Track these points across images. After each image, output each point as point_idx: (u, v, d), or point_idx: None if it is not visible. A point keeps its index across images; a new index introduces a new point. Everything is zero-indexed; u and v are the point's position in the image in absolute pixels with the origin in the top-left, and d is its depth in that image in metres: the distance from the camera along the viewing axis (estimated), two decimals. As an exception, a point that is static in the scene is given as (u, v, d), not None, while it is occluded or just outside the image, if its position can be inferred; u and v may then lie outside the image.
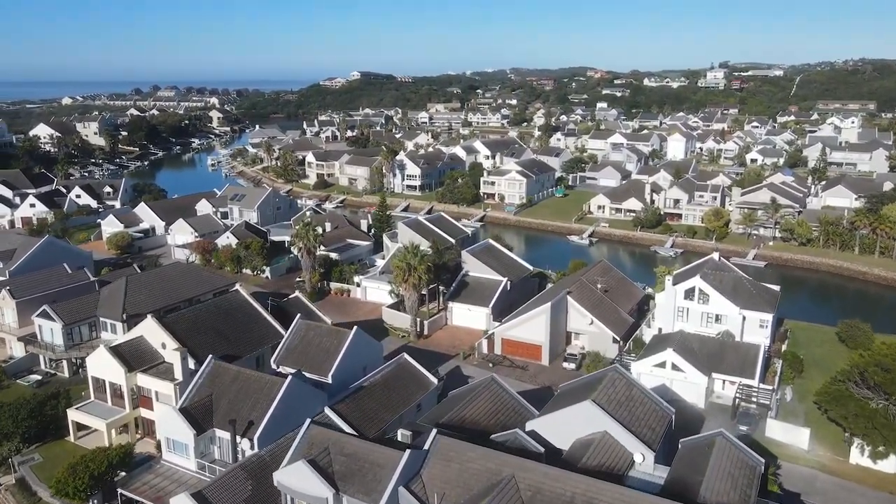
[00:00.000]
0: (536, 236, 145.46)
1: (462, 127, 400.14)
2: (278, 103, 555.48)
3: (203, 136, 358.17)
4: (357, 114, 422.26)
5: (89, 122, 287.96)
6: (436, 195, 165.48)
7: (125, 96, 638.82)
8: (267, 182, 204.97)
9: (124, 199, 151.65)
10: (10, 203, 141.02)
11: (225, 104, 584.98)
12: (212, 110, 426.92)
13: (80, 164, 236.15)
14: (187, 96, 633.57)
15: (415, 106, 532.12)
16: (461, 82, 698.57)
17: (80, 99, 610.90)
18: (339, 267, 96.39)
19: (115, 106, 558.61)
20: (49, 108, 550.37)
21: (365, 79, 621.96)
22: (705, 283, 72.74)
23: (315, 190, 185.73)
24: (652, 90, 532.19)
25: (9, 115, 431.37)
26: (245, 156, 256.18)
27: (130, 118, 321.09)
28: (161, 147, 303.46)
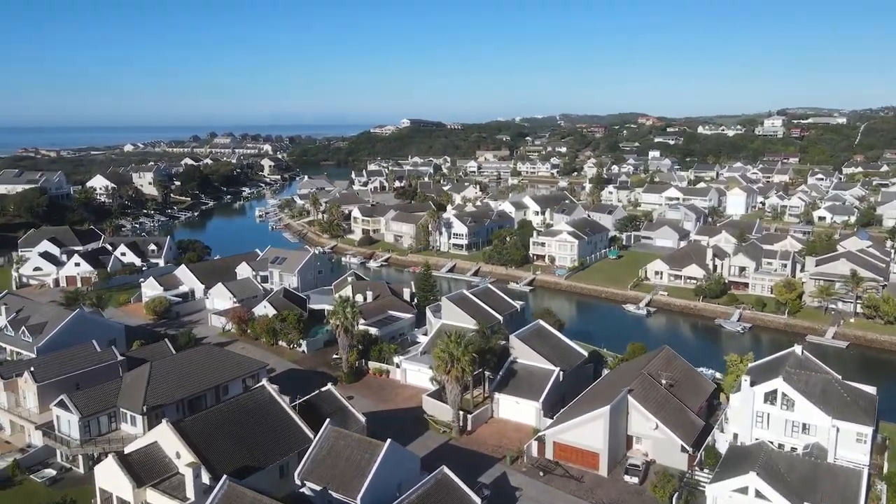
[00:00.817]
0: (589, 303, 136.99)
1: (511, 176, 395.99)
2: (329, 150, 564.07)
3: (254, 184, 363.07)
4: (406, 162, 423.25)
5: (145, 171, 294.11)
6: (483, 255, 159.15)
7: (184, 143, 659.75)
8: (312, 235, 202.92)
9: (168, 256, 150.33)
10: (56, 261, 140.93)
11: (277, 151, 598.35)
12: (263, 158, 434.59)
13: (133, 214, 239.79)
14: (242, 143, 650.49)
15: (464, 153, 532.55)
16: (510, 129, 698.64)
17: (141, 146, 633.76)
18: (379, 345, 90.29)
19: (172, 153, 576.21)
20: (111, 156, 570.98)
21: (415, 126, 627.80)
22: (789, 386, 63.64)
23: (360, 246, 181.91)
24: (706, 138, 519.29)
25: (72, 164, 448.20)
26: (292, 207, 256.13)
27: (184, 167, 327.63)
28: (212, 196, 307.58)
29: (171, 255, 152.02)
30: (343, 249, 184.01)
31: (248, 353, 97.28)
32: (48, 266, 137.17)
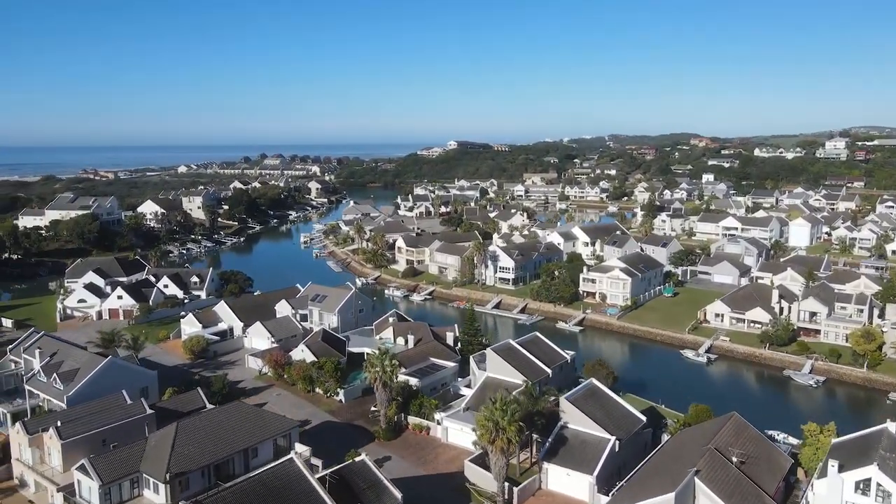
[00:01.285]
0: (643, 346, 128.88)
1: (559, 201, 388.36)
2: (376, 172, 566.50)
3: (300, 207, 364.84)
4: (452, 186, 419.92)
5: (194, 196, 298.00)
6: (530, 291, 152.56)
7: (235, 164, 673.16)
8: (356, 265, 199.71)
9: (210, 288, 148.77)
10: (100, 292, 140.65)
11: (325, 172, 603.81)
12: (311, 181, 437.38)
13: (181, 240, 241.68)
14: (291, 164, 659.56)
15: (511, 176, 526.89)
16: (558, 150, 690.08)
17: (194, 167, 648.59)
18: (420, 399, 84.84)
19: (223, 175, 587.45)
20: (164, 177, 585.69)
21: (461, 148, 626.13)
22: (885, 475, 55.49)
23: (404, 278, 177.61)
24: (764, 161, 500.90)
25: (127, 186, 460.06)
26: (337, 234, 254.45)
27: (233, 191, 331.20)
28: (259, 220, 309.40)
29: (214, 286, 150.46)
30: (386, 281, 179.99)
31: (283, 399, 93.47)
32: (92, 298, 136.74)
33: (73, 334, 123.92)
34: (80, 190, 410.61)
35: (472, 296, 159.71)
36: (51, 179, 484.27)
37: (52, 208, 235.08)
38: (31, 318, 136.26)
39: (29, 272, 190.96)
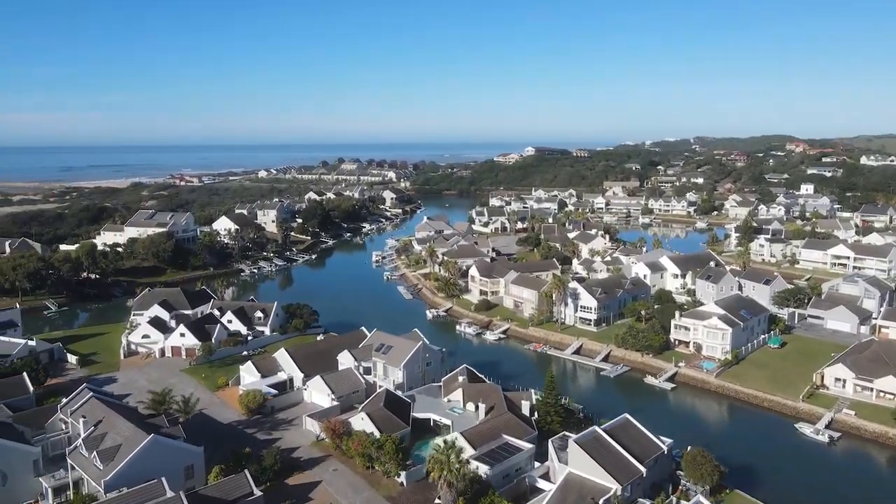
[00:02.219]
0: (747, 413, 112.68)
1: (642, 215, 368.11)
2: (451, 179, 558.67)
3: (375, 219, 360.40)
4: (529, 196, 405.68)
5: (269, 209, 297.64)
6: (615, 337, 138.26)
7: (312, 168, 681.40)
8: (427, 292, 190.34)
9: (274, 324, 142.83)
10: (165, 327, 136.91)
11: (401, 178, 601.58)
12: (385, 189, 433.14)
13: (253, 257, 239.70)
14: (367, 169, 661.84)
15: (590, 184, 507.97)
16: (640, 156, 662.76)
17: (274, 172, 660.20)
18: (490, 496, 73.71)
19: (301, 181, 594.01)
20: (245, 182, 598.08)
21: (539, 154, 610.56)
22: None
23: (477, 312, 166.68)
24: (872, 170, 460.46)
25: (208, 193, 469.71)
26: (409, 253, 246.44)
27: (307, 204, 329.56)
28: (332, 233, 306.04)
29: (278, 321, 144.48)
30: (458, 314, 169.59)
31: (340, 476, 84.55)
32: (156, 334, 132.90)
33: (133, 375, 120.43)
34: (164, 198, 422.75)
35: (549, 338, 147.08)
36: (138, 186, 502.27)
37: (130, 225, 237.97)
38: (97, 353, 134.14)
39: (105, 292, 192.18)
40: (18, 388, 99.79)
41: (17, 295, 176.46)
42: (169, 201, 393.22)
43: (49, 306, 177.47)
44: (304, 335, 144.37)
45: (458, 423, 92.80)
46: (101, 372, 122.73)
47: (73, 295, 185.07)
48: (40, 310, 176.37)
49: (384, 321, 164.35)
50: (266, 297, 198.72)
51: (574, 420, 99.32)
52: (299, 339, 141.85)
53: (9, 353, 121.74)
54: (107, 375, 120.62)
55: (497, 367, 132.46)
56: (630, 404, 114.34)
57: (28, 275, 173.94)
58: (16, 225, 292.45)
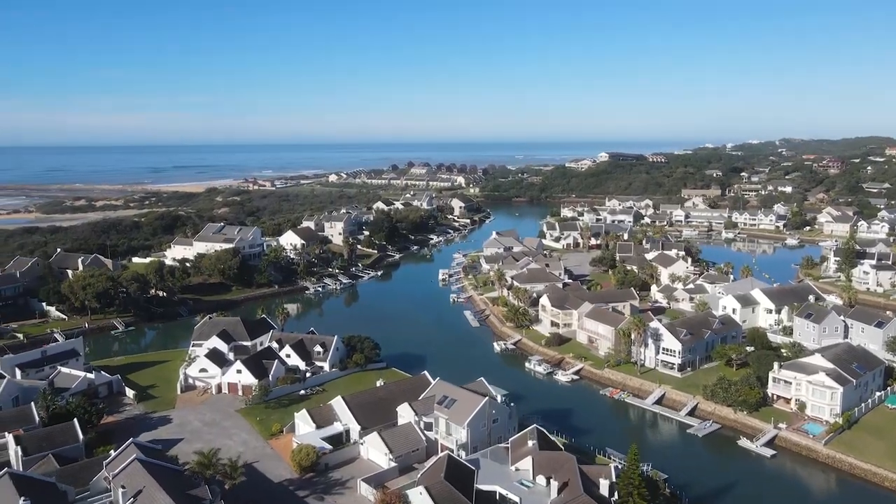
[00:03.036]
0: (865, 491, 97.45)
1: (725, 229, 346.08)
2: (521, 186, 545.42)
3: (442, 230, 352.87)
4: (602, 207, 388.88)
5: (335, 221, 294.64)
6: (703, 388, 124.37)
7: (382, 172, 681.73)
8: (495, 320, 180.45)
9: (334, 359, 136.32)
10: (223, 359, 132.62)
11: (470, 183, 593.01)
12: (454, 197, 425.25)
13: (318, 274, 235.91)
14: (436, 174, 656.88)
15: (668, 192, 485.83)
16: (720, 161, 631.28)
17: (344, 176, 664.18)
18: None
19: (370, 187, 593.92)
20: (316, 186, 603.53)
21: (613, 160, 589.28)
22: None
23: (548, 347, 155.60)
24: None
25: (278, 199, 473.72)
26: (476, 272, 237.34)
27: (375, 215, 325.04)
28: (399, 246, 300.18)
29: (338, 356, 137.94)
30: (528, 348, 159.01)
31: (394, 561, 76.19)
32: (213, 368, 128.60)
33: (187, 416, 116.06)
34: (236, 205, 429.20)
35: (628, 382, 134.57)
36: (213, 192, 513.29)
37: (199, 239, 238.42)
38: (155, 384, 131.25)
39: (171, 311, 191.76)
40: (69, 435, 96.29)
41: (87, 313, 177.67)
42: (240, 209, 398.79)
43: (117, 326, 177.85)
44: (365, 370, 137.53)
45: (528, 499, 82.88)
46: (156, 409, 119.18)
47: (140, 313, 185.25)
48: (108, 329, 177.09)
49: (449, 353, 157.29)
50: (330, 317, 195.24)
51: (660, 500, 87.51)
52: (359, 376, 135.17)
53: (68, 386, 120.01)
54: (161, 414, 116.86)
55: (569, 416, 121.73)
56: (722, 474, 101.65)
57: (97, 294, 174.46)
58: (95, 233, 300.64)
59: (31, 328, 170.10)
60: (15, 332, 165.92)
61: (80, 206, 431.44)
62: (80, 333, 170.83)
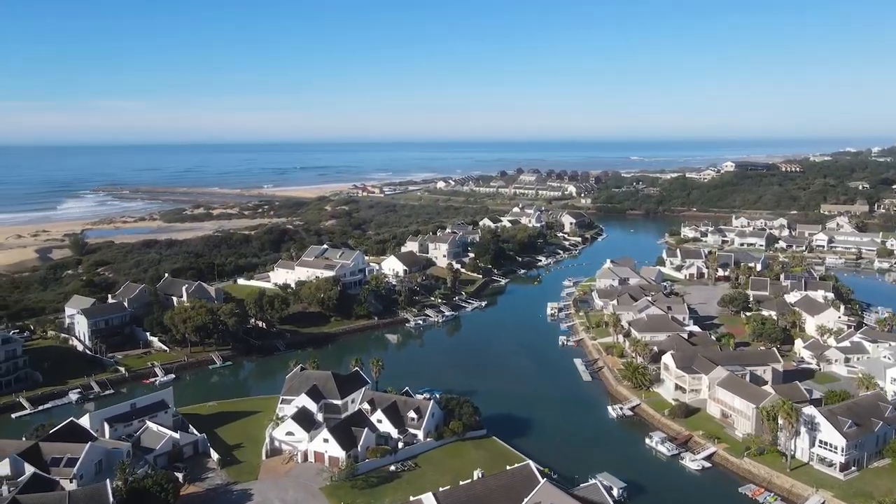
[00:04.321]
0: None
1: (878, 258, 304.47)
2: (637, 198, 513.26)
3: (551, 249, 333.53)
4: (729, 228, 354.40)
5: (440, 243, 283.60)
6: (879, 499, 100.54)
7: (491, 179, 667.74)
8: (608, 374, 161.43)
9: (429, 425, 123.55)
10: (311, 421, 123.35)
11: (581, 192, 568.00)
12: (563, 213, 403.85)
13: (420, 303, 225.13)
14: (546, 181, 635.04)
15: (803, 206, 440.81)
16: (866, 169, 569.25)
17: (451, 183, 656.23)
18: None
19: (478, 195, 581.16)
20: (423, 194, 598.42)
21: (740, 171, 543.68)
22: None
23: (672, 418, 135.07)
24: None
25: (385, 210, 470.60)
26: (588, 307, 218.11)
27: (480, 235, 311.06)
28: (505, 269, 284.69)
29: (434, 422, 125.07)
30: (649, 417, 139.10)
31: None
32: (300, 432, 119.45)
33: (269, 491, 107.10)
34: (343, 216, 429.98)
35: (774, 480, 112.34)
36: (322, 201, 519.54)
37: (302, 264, 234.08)
38: (242, 444, 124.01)
39: (268, 344, 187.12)
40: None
41: (187, 345, 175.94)
42: (347, 221, 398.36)
43: (215, 360, 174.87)
44: (463, 440, 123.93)
45: None
46: (238, 479, 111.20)
47: (238, 347, 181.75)
48: (206, 363, 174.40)
49: (557, 417, 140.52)
50: (428, 358, 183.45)
51: None
52: (456, 446, 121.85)
53: (153, 447, 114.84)
54: (243, 487, 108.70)
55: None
56: None
57: (196, 328, 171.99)
58: (207, 247, 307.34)
59: (133, 360, 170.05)
60: (118, 365, 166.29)
61: (198, 214, 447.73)
62: (179, 367, 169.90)
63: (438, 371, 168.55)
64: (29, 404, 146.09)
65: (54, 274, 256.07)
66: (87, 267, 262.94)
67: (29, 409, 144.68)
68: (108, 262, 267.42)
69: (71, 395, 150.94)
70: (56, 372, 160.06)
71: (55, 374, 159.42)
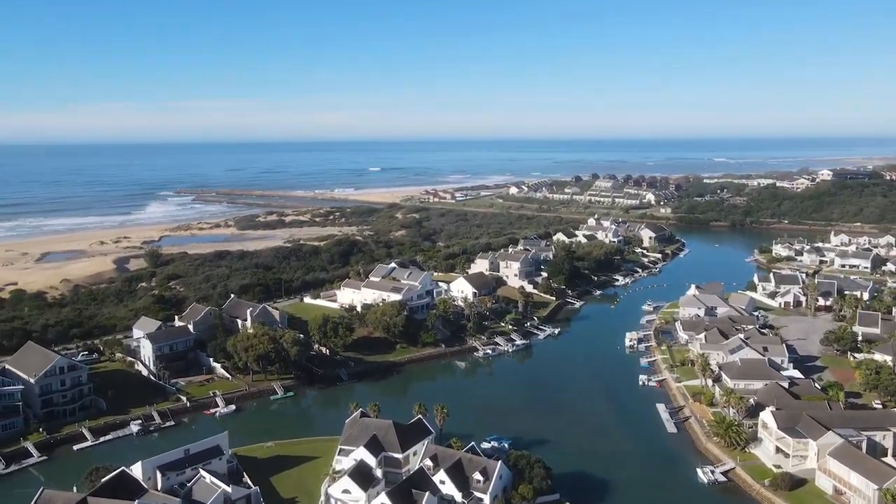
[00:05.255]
0: None
1: None
2: (721, 209, 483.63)
3: (629, 267, 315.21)
4: (829, 248, 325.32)
5: (511, 261, 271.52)
6: None
7: (565, 185, 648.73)
8: (696, 427, 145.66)
9: (496, 488, 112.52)
10: (368, 477, 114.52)
11: (661, 201, 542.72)
12: (642, 226, 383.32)
13: (489, 329, 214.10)
14: (622, 188, 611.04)
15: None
16: None
17: (524, 189, 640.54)
18: None
19: (551, 203, 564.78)
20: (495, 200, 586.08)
21: (838, 180, 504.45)
22: None
23: (773, 490, 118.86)
24: None
25: (455, 219, 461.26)
26: (671, 339, 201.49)
27: (554, 252, 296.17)
28: (580, 289, 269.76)
29: (501, 485, 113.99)
30: (745, 486, 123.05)
31: None
32: (357, 490, 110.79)
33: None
34: (413, 224, 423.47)
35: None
36: (393, 208, 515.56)
37: (368, 286, 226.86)
38: (296, 499, 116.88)
39: (331, 374, 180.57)
40: None
41: (249, 373, 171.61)
42: (417, 232, 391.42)
43: (276, 390, 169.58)
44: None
45: None
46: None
47: (300, 376, 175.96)
48: (268, 393, 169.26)
49: (638, 477, 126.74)
50: (496, 394, 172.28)
51: None
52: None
53: (204, 501, 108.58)
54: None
55: None
56: None
57: (258, 357, 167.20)
58: (277, 259, 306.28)
59: (195, 388, 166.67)
60: (180, 392, 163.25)
61: (271, 221, 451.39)
62: (240, 397, 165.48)
63: (507, 412, 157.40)
64: (91, 435, 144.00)
65: (129, 287, 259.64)
66: (160, 281, 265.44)
67: (91, 441, 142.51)
68: (179, 276, 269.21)
69: (132, 427, 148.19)
70: (120, 399, 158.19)
71: (119, 401, 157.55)
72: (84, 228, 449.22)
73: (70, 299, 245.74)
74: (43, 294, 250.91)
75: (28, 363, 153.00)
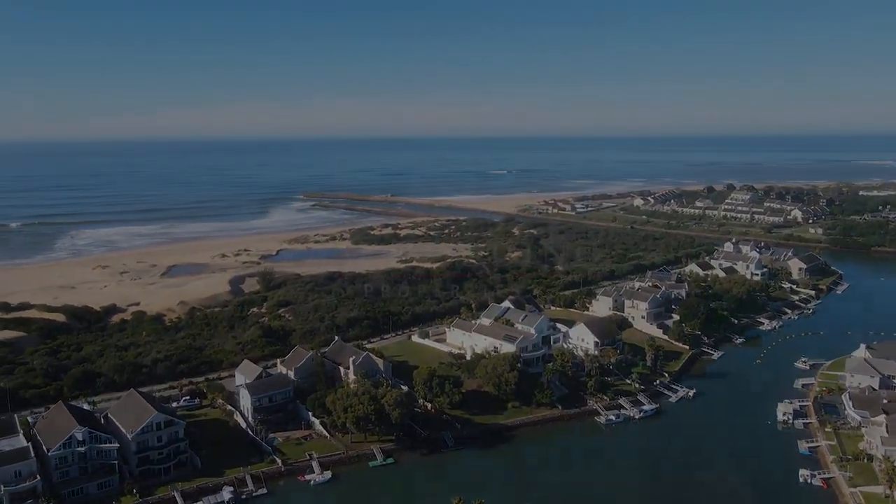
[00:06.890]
0: None
1: None
2: (885, 231, 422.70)
3: (776, 307, 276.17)
4: None
5: (637, 301, 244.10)
6: None
7: (696, 198, 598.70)
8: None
9: None
10: None
11: (809, 219, 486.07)
12: (790, 255, 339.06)
13: (612, 387, 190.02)
14: (762, 202, 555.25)
15: None
16: None
17: (651, 201, 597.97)
18: None
19: (681, 218, 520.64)
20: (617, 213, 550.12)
21: None
22: None
23: None
24: None
25: (575, 238, 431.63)
26: (838, 417, 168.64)
27: (687, 291, 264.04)
28: (718, 336, 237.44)
29: None
30: None
31: None
32: None
33: None
34: (529, 242, 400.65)
35: None
36: (510, 223, 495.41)
37: (479, 331, 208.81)
38: None
39: (435, 437, 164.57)
40: None
41: (347, 432, 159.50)
42: (534, 253, 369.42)
43: (375, 455, 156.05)
44: None
45: None
46: None
47: (401, 438, 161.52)
48: (366, 458, 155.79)
49: None
50: (621, 469, 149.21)
51: None
52: None
53: None
54: None
55: None
56: None
57: (357, 419, 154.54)
58: (388, 283, 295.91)
59: (291, 448, 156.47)
60: (276, 451, 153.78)
61: (385, 235, 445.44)
62: (336, 462, 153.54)
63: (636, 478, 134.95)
64: (182, 501, 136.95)
65: (241, 311, 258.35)
66: (270, 307, 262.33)
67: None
68: (289, 303, 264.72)
69: (224, 493, 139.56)
70: (216, 456, 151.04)
71: (215, 458, 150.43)
72: (211, 237, 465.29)
73: (185, 323, 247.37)
74: (161, 317, 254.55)
75: (127, 416, 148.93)
